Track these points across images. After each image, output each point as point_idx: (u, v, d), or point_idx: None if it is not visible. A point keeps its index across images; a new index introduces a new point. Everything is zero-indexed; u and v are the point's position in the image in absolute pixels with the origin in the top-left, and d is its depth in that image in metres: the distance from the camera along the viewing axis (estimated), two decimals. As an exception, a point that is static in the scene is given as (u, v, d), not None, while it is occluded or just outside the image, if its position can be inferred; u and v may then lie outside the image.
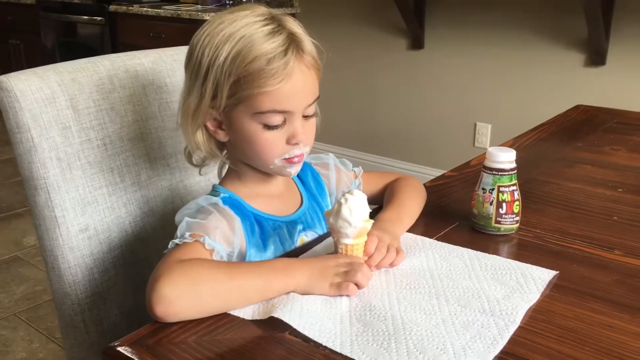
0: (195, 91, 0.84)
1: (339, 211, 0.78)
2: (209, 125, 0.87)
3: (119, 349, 0.66)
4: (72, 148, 0.96)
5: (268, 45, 0.81)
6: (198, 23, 3.04)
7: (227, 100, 0.82)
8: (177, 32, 3.20)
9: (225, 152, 0.91)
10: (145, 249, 1.05)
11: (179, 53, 1.14)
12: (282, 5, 3.36)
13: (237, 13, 0.84)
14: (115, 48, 3.61)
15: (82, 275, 0.97)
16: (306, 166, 1.01)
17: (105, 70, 1.02)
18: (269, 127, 0.83)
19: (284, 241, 0.91)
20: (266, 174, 0.91)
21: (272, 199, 0.93)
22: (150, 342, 0.67)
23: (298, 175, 0.98)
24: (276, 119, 0.83)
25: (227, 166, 0.93)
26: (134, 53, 1.09)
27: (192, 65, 0.85)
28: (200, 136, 0.87)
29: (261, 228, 0.89)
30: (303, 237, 0.93)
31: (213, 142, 0.89)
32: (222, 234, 0.82)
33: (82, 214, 0.97)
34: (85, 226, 0.97)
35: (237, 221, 0.85)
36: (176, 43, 1.21)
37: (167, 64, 1.11)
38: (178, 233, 0.81)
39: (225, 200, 0.87)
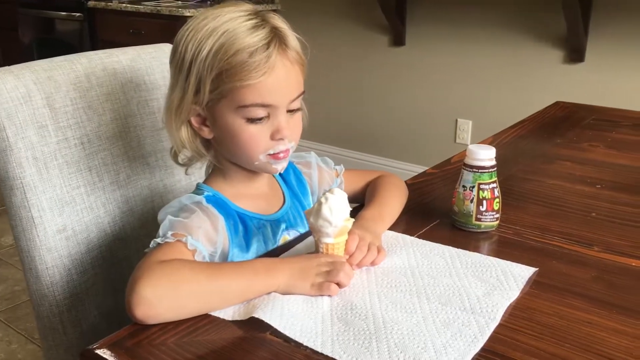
0: (179, 87, 0.84)
1: (319, 210, 0.78)
2: (193, 121, 0.86)
3: (97, 351, 0.65)
4: (48, 147, 0.95)
5: (250, 38, 0.80)
6: (178, 19, 3.02)
7: (209, 94, 0.82)
8: (157, 28, 3.17)
9: (211, 150, 0.90)
10: (125, 249, 1.04)
11: (157, 51, 1.12)
12: (262, 1, 3.34)
13: (221, 9, 0.84)
14: (95, 44, 3.56)
15: (60, 276, 0.96)
16: (288, 165, 1.00)
17: (83, 69, 1.01)
18: (252, 120, 0.83)
19: (267, 240, 0.90)
20: (251, 172, 0.90)
21: (257, 198, 0.92)
22: (130, 344, 0.66)
23: (280, 174, 0.98)
24: (259, 112, 0.82)
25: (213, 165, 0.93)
26: (112, 51, 1.07)
27: (176, 61, 0.85)
28: (184, 133, 0.86)
29: (245, 227, 0.88)
30: (286, 236, 0.93)
31: (198, 140, 0.88)
32: (205, 234, 0.81)
33: (60, 214, 0.95)
34: (63, 226, 0.96)
35: (221, 220, 0.85)
36: (156, 39, 1.20)
37: (145, 62, 1.10)
38: (160, 232, 0.80)
39: (209, 199, 0.86)
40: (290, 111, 0.86)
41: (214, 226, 0.83)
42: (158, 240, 0.78)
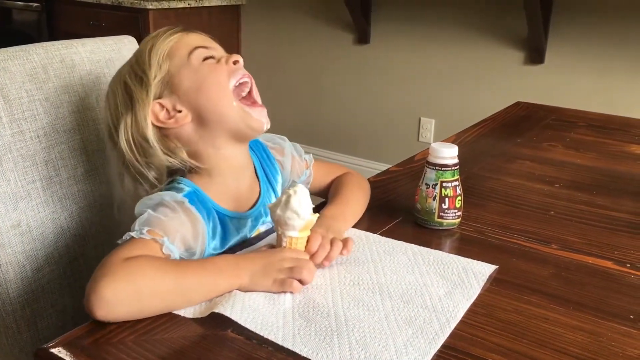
0: (126, 111, 0.86)
1: (288, 202, 0.77)
2: (161, 117, 0.85)
3: (53, 350, 0.63)
4: (2, 140, 0.91)
5: (173, 34, 0.90)
6: (140, 12, 2.96)
7: (161, 80, 0.86)
8: (118, 20, 3.11)
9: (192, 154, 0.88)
10: (82, 245, 1.02)
11: (117, 43, 1.10)
12: (227, -4, 3.31)
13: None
14: (53, 36, 3.47)
15: (14, 273, 0.93)
16: (262, 148, 0.99)
17: (39, 59, 0.98)
18: (205, 59, 0.87)
19: (245, 235, 0.90)
20: (236, 164, 0.89)
21: (238, 194, 0.90)
22: (86, 342, 0.64)
23: (260, 161, 0.97)
24: (206, 52, 0.88)
25: None
26: (70, 42, 1.04)
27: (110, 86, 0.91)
28: (162, 150, 0.86)
29: (224, 228, 0.87)
30: (259, 229, 0.92)
31: (167, 140, 0.87)
32: (182, 239, 0.79)
33: (14, 209, 0.92)
34: (17, 222, 0.93)
35: (202, 224, 0.82)
36: (117, 32, 1.18)
37: (105, 54, 1.07)
38: (136, 225, 0.77)
39: (191, 199, 0.83)
40: (235, 64, 0.89)
41: (194, 230, 0.81)
42: (132, 233, 0.75)
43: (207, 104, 0.86)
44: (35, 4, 3.52)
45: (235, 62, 0.88)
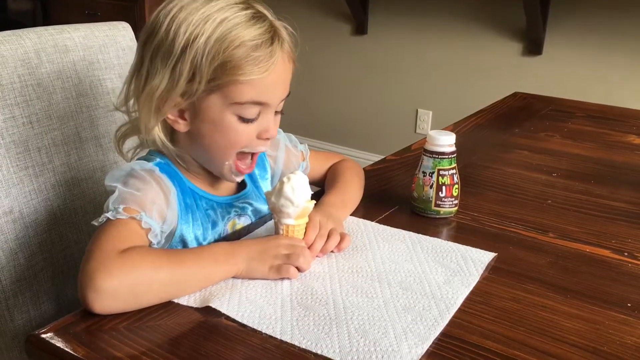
0: (163, 73, 0.76)
1: (281, 189, 0.76)
2: (170, 114, 0.80)
3: (44, 336, 0.62)
4: (-6, 126, 0.90)
5: (253, 31, 0.77)
6: (137, 2, 2.94)
7: (205, 84, 0.76)
8: (114, 10, 3.08)
9: (175, 144, 0.84)
10: (76, 232, 1.01)
11: (112, 29, 1.09)
12: (224, -14, 3.29)
13: None
14: (48, 25, 3.44)
15: (7, 261, 0.92)
16: None
17: (32, 44, 0.96)
18: (244, 119, 0.79)
19: (215, 222, 0.87)
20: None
21: (213, 180, 0.88)
22: (78, 329, 0.64)
23: None
24: (253, 112, 0.79)
25: None
26: (63, 27, 1.03)
27: (159, 43, 0.77)
28: (156, 123, 0.80)
29: (195, 204, 0.85)
30: (235, 220, 0.90)
31: (166, 132, 0.82)
32: (159, 210, 0.77)
33: (6, 195, 0.91)
34: (9, 209, 0.92)
35: (173, 193, 0.80)
36: (113, 21, 1.16)
37: (99, 40, 1.06)
38: (110, 204, 0.74)
39: (162, 168, 0.81)
40: (276, 113, 0.84)
41: (166, 200, 0.79)
42: (109, 215, 0.73)
43: (209, 147, 0.82)
44: (30, -7, 3.48)
45: (266, 139, 0.83)
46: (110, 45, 1.06)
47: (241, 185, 0.93)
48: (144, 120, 0.80)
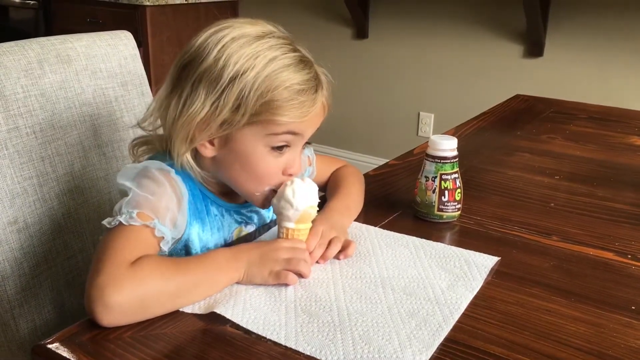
0: (208, 101, 0.76)
1: (282, 191, 0.77)
2: (205, 136, 0.79)
3: (50, 346, 0.63)
4: (-2, 136, 0.91)
5: (301, 76, 0.78)
6: (138, 9, 2.95)
7: (248, 118, 0.76)
8: (116, 17, 3.09)
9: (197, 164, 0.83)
10: (80, 241, 1.01)
11: (114, 38, 1.09)
12: (225, -8, 3.30)
13: (252, 26, 0.79)
14: (50, 33, 3.42)
15: (12, 270, 0.92)
16: None
17: (35, 55, 0.97)
18: (275, 149, 0.79)
19: (223, 227, 0.87)
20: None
21: (225, 187, 0.87)
22: (84, 338, 0.64)
23: None
24: (287, 140, 0.79)
25: None
26: (66, 37, 1.03)
27: (205, 70, 0.76)
28: (189, 150, 0.80)
29: (205, 209, 0.84)
30: (241, 228, 0.90)
31: (191, 152, 0.81)
32: (172, 217, 0.76)
33: (11, 206, 0.92)
34: (14, 219, 0.92)
35: (185, 198, 0.80)
36: (114, 28, 1.17)
37: (101, 49, 1.06)
38: (123, 207, 0.73)
39: (176, 170, 0.80)
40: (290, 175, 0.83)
41: (179, 204, 0.78)
42: (121, 219, 0.71)
43: (238, 176, 0.81)
44: (32, 2, 3.50)
45: (289, 175, 0.81)
46: (112, 54, 1.07)
47: None
48: (176, 146, 0.79)
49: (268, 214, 0.93)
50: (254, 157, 0.79)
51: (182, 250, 0.83)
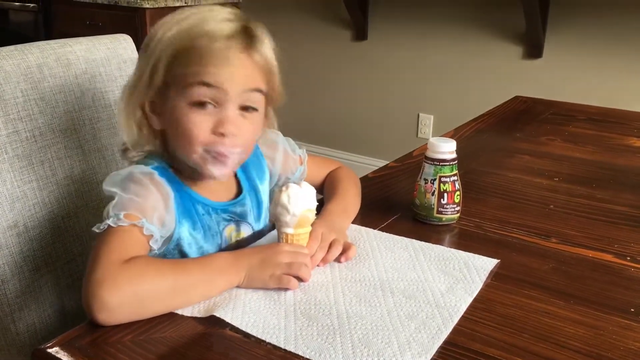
0: (138, 68, 0.82)
1: (278, 198, 0.77)
2: (147, 107, 0.82)
3: (50, 350, 0.63)
4: (-2, 140, 0.91)
5: (218, 25, 0.78)
6: (137, 11, 2.95)
7: (164, 77, 0.78)
8: (115, 20, 3.10)
9: (158, 142, 0.85)
10: (80, 244, 1.01)
11: (113, 42, 1.09)
12: (224, -6, 3.30)
13: (209, 6, 0.83)
14: (50, 36, 3.45)
15: (12, 274, 0.92)
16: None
17: (34, 59, 0.97)
18: (195, 104, 0.77)
19: (211, 226, 0.86)
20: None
21: (211, 185, 0.87)
22: (84, 342, 0.64)
23: None
24: (203, 93, 0.77)
25: None
26: (65, 41, 1.04)
27: (142, 45, 0.82)
28: (137, 119, 0.82)
29: (193, 207, 0.84)
30: (232, 227, 0.89)
31: (147, 129, 0.83)
32: (158, 216, 0.77)
33: (11, 209, 0.92)
34: (14, 222, 0.92)
35: (171, 198, 0.80)
36: (114, 31, 1.17)
37: (101, 53, 1.06)
38: (111, 210, 0.74)
39: (160, 172, 0.81)
40: (244, 108, 0.80)
41: (165, 204, 0.79)
42: (110, 222, 0.72)
43: (175, 141, 0.81)
44: (32, 5, 3.51)
45: (221, 134, 0.78)
46: (112, 58, 1.07)
47: (239, 191, 0.92)
48: (121, 112, 0.83)
49: (261, 210, 0.93)
50: (178, 116, 0.78)
51: (175, 250, 0.83)
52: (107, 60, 1.07)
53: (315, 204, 0.79)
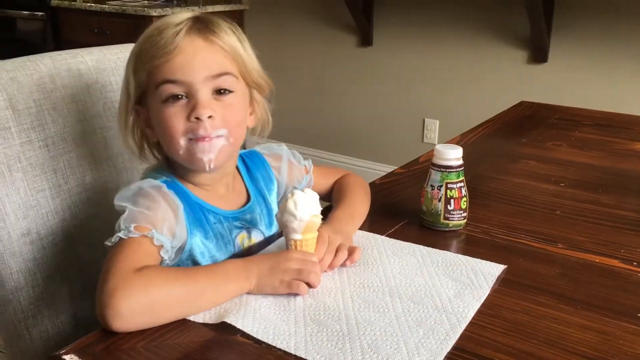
0: (122, 89, 0.86)
1: (285, 205, 0.78)
2: (142, 122, 0.87)
3: (65, 357, 0.64)
4: (11, 150, 0.92)
5: (169, 19, 0.82)
6: (144, 19, 2.98)
7: (135, 83, 0.83)
8: (123, 28, 3.12)
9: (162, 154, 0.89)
10: (92, 252, 1.02)
11: (123, 51, 1.11)
12: (230, 1, 3.32)
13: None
14: (58, 44, 3.49)
15: (25, 281, 0.94)
16: (257, 156, 0.99)
17: (47, 69, 0.99)
18: (166, 100, 0.80)
19: (224, 235, 0.88)
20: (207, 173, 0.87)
21: (215, 192, 0.89)
22: (97, 349, 0.65)
23: (247, 168, 0.96)
24: (171, 89, 0.80)
25: None
26: (77, 51, 1.05)
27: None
28: (134, 138, 0.88)
29: (204, 217, 0.86)
30: (244, 234, 0.90)
31: (149, 145, 0.89)
32: (169, 227, 0.79)
33: (24, 217, 0.93)
34: (27, 230, 0.94)
35: (180, 208, 0.82)
36: (122, 39, 1.19)
37: (111, 62, 1.08)
38: (122, 223, 0.76)
39: (168, 185, 0.83)
40: (219, 92, 0.82)
41: (175, 215, 0.81)
42: (121, 234, 0.75)
43: (163, 143, 0.85)
44: (40, 13, 3.54)
45: (196, 119, 0.80)
46: (122, 67, 1.08)
47: (249, 199, 0.94)
48: (130, 141, 0.88)
49: (270, 217, 0.95)
50: (158, 116, 0.82)
51: (188, 260, 0.85)
52: (118, 69, 1.08)
53: (320, 208, 0.81)
